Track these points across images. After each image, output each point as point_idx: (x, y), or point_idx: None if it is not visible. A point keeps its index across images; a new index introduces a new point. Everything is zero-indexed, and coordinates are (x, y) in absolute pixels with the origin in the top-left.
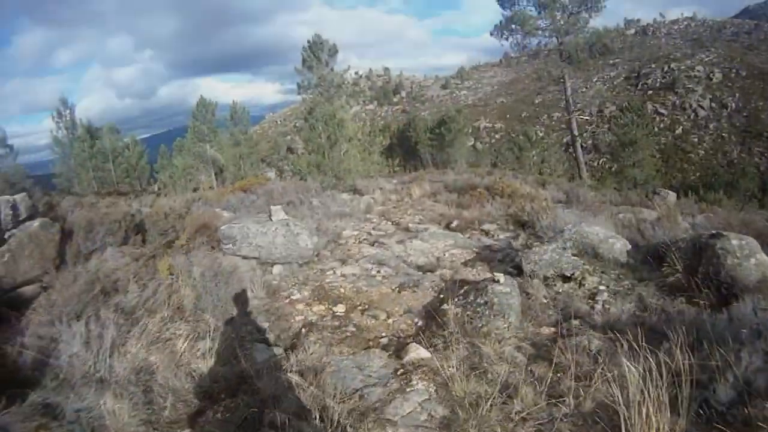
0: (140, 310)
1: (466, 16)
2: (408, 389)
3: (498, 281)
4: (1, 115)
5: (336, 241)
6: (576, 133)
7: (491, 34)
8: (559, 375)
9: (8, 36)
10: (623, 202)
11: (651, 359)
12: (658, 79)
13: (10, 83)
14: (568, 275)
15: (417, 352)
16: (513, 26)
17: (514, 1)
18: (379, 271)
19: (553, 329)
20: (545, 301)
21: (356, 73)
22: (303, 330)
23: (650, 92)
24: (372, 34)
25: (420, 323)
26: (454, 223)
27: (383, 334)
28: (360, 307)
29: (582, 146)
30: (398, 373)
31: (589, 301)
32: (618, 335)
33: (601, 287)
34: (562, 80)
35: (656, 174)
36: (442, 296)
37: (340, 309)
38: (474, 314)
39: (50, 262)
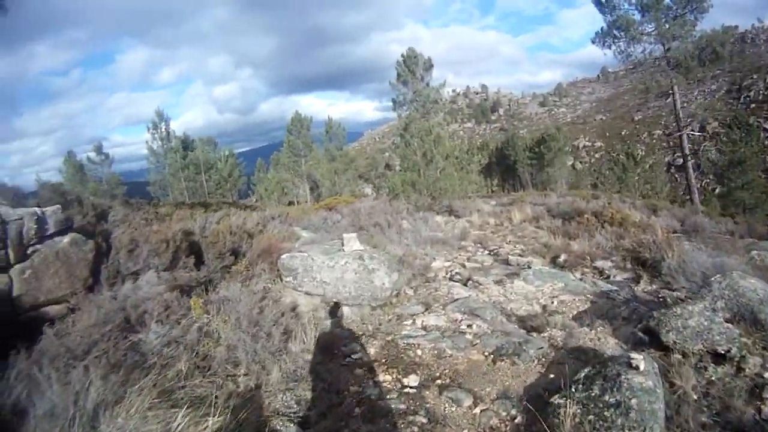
0: (155, 356)
1: (560, 31)
2: None
3: (636, 367)
4: (105, 126)
5: (423, 274)
6: (687, 151)
7: (593, 42)
8: None
9: (114, 54)
10: (748, 233)
11: None
12: (761, 91)
13: (115, 97)
14: (722, 352)
15: None
16: (616, 32)
17: (616, 5)
18: (470, 326)
19: None
20: (695, 396)
21: (453, 90)
22: (357, 409)
23: (753, 105)
24: (466, 51)
25: (519, 419)
26: (562, 258)
27: None
28: (439, 381)
29: (684, 166)
30: None
31: (756, 401)
32: None
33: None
34: (670, 92)
35: (766, 197)
36: (551, 376)
37: (411, 381)
38: (600, 421)
39: (80, 282)
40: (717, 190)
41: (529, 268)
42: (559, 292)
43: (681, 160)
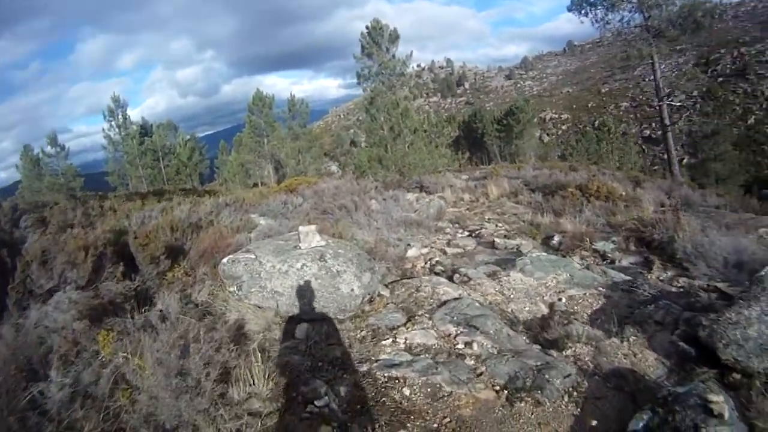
0: (52, 422)
1: (525, 5)
2: None
3: (720, 415)
4: (68, 117)
5: (399, 266)
6: (668, 122)
7: (569, 10)
8: None
9: (73, 44)
10: (742, 208)
11: None
12: (728, 66)
13: (77, 87)
14: None
15: None
16: None
17: None
18: (469, 344)
19: None
20: None
21: (418, 65)
22: None
23: (720, 79)
24: (430, 27)
25: None
26: (555, 239)
27: None
28: None
29: (652, 137)
30: None
31: None
32: None
33: None
34: (651, 61)
35: (739, 168)
36: (594, 423)
37: None
38: None
39: None
40: (685, 161)
41: (520, 252)
42: (565, 285)
43: (648, 132)
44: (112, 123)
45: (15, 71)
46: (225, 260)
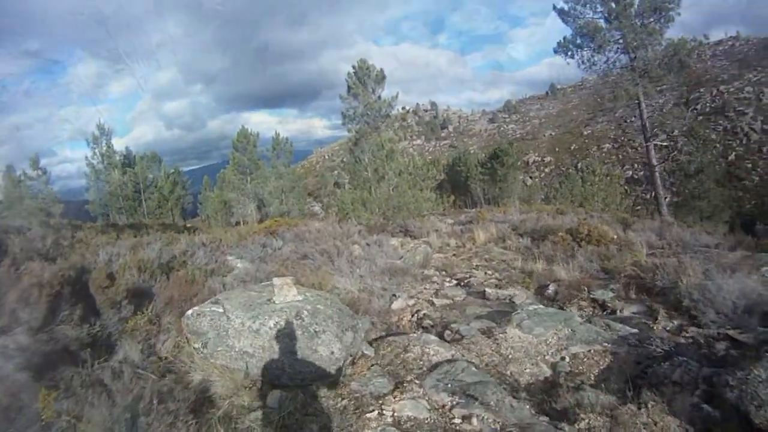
0: None
1: (508, 50)
2: None
3: None
4: (55, 140)
5: (384, 320)
6: (655, 162)
7: (555, 52)
8: None
9: (64, 66)
10: (737, 245)
11: None
12: (708, 104)
13: (64, 110)
14: None
15: None
16: (580, 40)
17: (579, 13)
18: (467, 418)
19: None
20: None
21: (403, 108)
22: None
23: (700, 118)
24: (416, 70)
25: None
26: (551, 289)
27: None
28: None
29: (634, 178)
30: None
31: None
32: None
33: None
34: (637, 101)
35: (723, 206)
36: None
37: None
38: None
39: None
40: (668, 199)
41: (514, 304)
42: (567, 341)
43: (630, 173)
44: (96, 151)
45: (4, 89)
46: (189, 313)
